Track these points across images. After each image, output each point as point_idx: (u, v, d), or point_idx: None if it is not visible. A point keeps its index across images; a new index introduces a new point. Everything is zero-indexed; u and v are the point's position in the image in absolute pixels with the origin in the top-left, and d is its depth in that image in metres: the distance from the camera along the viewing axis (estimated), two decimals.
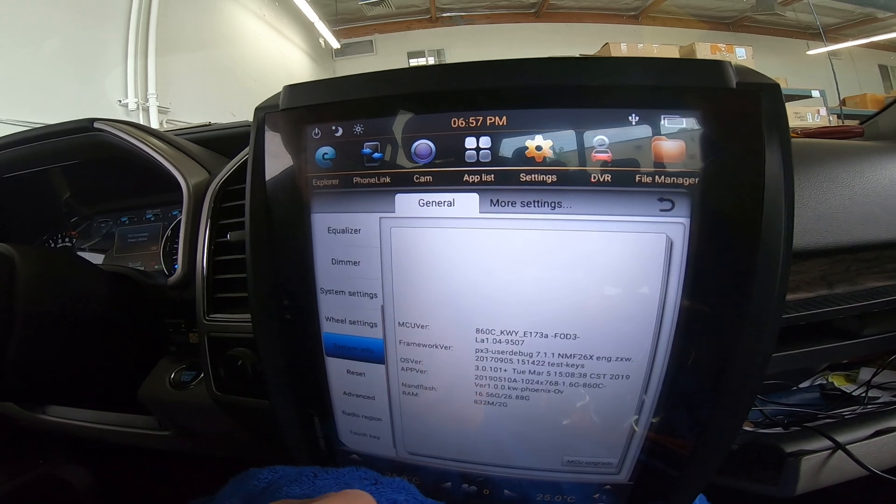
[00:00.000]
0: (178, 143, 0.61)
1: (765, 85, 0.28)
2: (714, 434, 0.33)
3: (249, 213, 0.36)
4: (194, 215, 0.54)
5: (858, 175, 0.53)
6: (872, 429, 0.51)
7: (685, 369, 0.31)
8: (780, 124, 0.28)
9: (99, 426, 0.66)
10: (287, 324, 0.38)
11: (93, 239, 0.81)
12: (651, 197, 0.29)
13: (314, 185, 0.35)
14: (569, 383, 0.33)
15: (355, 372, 0.38)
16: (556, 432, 0.35)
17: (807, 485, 0.48)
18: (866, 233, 0.51)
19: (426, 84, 0.32)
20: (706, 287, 0.30)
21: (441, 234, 0.32)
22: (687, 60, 0.29)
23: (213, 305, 0.52)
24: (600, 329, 0.31)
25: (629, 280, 0.30)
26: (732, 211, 0.29)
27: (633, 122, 0.29)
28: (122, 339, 0.57)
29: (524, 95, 0.30)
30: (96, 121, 0.60)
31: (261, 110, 0.36)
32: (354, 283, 0.35)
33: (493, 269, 0.32)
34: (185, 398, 0.56)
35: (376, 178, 0.33)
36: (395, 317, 0.35)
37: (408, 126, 0.32)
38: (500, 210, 0.31)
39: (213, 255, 0.52)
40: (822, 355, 0.60)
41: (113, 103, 2.18)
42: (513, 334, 0.33)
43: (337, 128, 0.34)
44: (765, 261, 0.28)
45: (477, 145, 0.31)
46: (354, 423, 0.39)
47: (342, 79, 0.34)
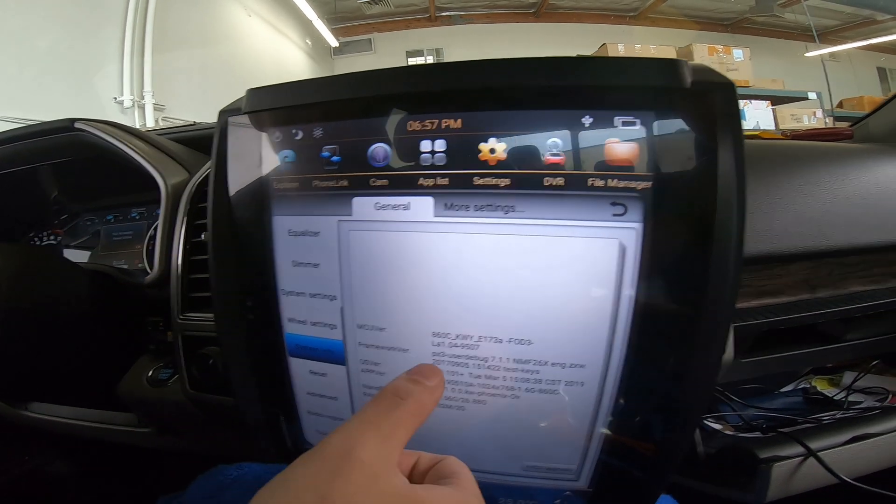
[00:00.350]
0: (159, 143, 0.61)
1: (719, 84, 0.28)
2: (670, 439, 0.32)
3: (212, 215, 0.36)
4: (172, 215, 0.54)
5: (842, 178, 0.52)
6: (849, 435, 0.50)
7: (639, 376, 0.31)
8: (733, 124, 0.27)
9: (81, 423, 0.66)
10: (250, 324, 0.38)
11: (79, 237, 0.81)
12: (604, 201, 0.29)
13: (275, 188, 0.35)
14: (524, 389, 0.33)
15: (318, 372, 0.38)
16: (514, 437, 0.35)
17: (778, 491, 0.47)
18: (848, 237, 0.50)
19: (383, 87, 0.32)
20: (659, 293, 0.29)
21: (397, 237, 0.32)
22: (641, 59, 0.29)
23: (187, 304, 0.52)
24: (554, 335, 0.31)
25: (582, 287, 0.30)
26: (685, 215, 0.28)
27: (586, 124, 0.29)
28: (102, 337, 0.58)
29: (478, 97, 0.30)
30: (77, 121, 0.60)
31: (224, 113, 0.36)
32: (314, 284, 0.35)
33: (447, 273, 0.32)
34: (162, 396, 0.57)
35: (334, 181, 0.33)
36: (354, 319, 0.35)
37: (364, 129, 0.32)
38: (455, 214, 0.31)
39: (188, 255, 0.53)
40: (805, 359, 0.60)
41: (108, 100, 2.18)
42: (468, 339, 0.33)
43: (297, 131, 0.34)
44: (717, 266, 0.28)
45: (432, 148, 0.31)
46: (320, 422, 0.40)
47: (303, 82, 0.34)
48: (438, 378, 0.24)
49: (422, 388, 0.23)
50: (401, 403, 0.22)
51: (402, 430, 0.22)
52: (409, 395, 0.23)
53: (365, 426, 0.21)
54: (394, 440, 0.21)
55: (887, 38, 4.13)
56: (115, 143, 0.58)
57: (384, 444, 0.21)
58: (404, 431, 0.22)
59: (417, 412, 0.23)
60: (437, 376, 0.24)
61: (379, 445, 0.20)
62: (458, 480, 0.23)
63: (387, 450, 0.21)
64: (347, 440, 0.20)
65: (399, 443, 0.22)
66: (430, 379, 0.24)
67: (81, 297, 0.55)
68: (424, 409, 0.23)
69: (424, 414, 0.23)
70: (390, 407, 0.22)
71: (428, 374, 0.24)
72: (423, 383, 0.24)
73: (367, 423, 0.21)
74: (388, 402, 0.22)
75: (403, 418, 0.22)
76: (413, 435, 0.23)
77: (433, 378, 0.24)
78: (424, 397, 0.23)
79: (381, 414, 0.22)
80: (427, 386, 0.24)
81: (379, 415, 0.22)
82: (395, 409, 0.22)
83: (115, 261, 0.76)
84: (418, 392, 0.23)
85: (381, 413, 0.22)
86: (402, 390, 0.23)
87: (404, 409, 0.22)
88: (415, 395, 0.23)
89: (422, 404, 0.23)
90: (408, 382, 0.24)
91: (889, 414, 0.53)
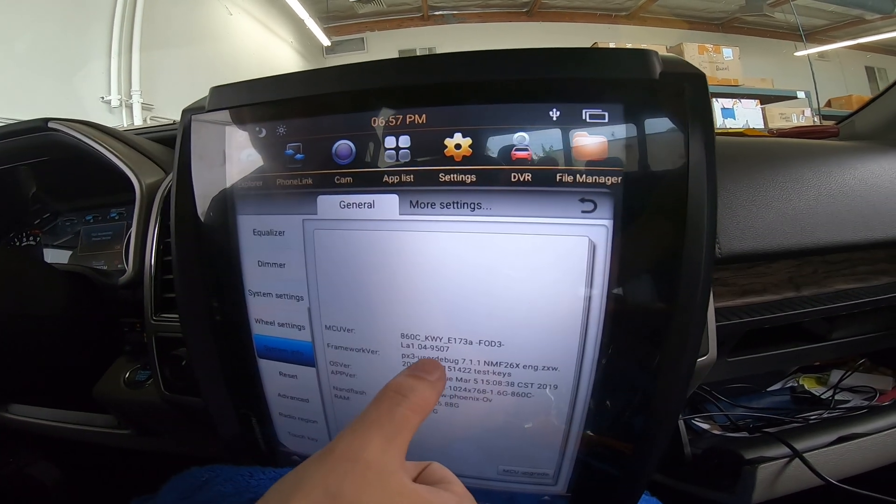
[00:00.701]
0: (135, 143, 0.60)
1: (689, 75, 0.27)
2: (648, 441, 0.31)
3: (175, 215, 0.35)
4: (146, 215, 0.53)
5: (826, 175, 0.51)
6: (835, 435, 0.49)
7: (614, 377, 0.30)
8: (703, 116, 0.27)
9: (61, 424, 0.65)
10: (218, 325, 0.37)
11: (59, 237, 0.80)
12: (572, 197, 0.28)
13: (239, 187, 0.34)
14: (496, 391, 0.32)
15: (288, 374, 0.37)
16: (488, 440, 0.34)
17: (763, 493, 0.47)
18: (832, 234, 0.50)
19: (344, 83, 0.31)
20: (631, 292, 0.29)
21: (362, 236, 0.31)
22: (609, 50, 0.28)
23: (161, 305, 0.51)
24: (525, 337, 0.30)
25: (551, 286, 0.29)
26: (656, 211, 0.28)
27: (553, 118, 0.28)
28: (78, 338, 0.57)
29: (442, 92, 0.29)
30: (51, 120, 0.59)
31: (187, 112, 0.35)
32: (281, 285, 0.34)
33: (415, 272, 0.31)
34: (140, 397, 0.56)
35: (298, 179, 0.32)
36: (322, 320, 0.34)
37: (328, 126, 0.31)
38: (421, 212, 0.30)
39: (161, 255, 0.52)
40: (790, 358, 0.59)
41: (95, 100, 2.15)
42: (438, 340, 0.32)
43: (261, 129, 0.33)
44: (689, 262, 0.27)
45: (396, 145, 0.30)
46: (292, 424, 0.39)
47: (265, 80, 0.33)
48: (440, 372, 0.25)
49: (423, 384, 0.24)
50: (402, 401, 0.23)
51: (406, 428, 0.22)
52: (411, 391, 0.23)
53: (369, 427, 0.22)
54: (398, 439, 0.22)
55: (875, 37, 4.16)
56: (89, 143, 0.57)
57: (389, 444, 0.21)
58: (408, 429, 0.22)
59: (420, 408, 0.23)
60: (438, 370, 0.25)
61: (384, 446, 0.21)
62: (452, 486, 0.23)
63: (392, 450, 0.21)
64: (354, 442, 0.21)
65: (403, 441, 0.22)
66: (431, 374, 0.24)
67: (57, 298, 0.54)
68: (427, 404, 0.23)
69: (427, 409, 0.23)
70: (392, 405, 0.22)
71: (429, 369, 0.25)
72: (425, 378, 0.24)
73: (372, 424, 0.22)
74: (391, 400, 0.23)
75: (406, 416, 0.22)
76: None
77: (434, 372, 0.24)
78: (426, 393, 0.23)
79: (385, 414, 0.22)
80: (428, 381, 0.24)
81: (382, 415, 0.22)
82: (397, 408, 0.22)
83: (95, 261, 0.75)
84: (420, 388, 0.23)
85: (383, 413, 0.22)
86: (404, 387, 0.23)
87: (406, 407, 0.22)
88: (416, 391, 0.23)
89: (424, 399, 0.23)
90: (409, 378, 0.24)
91: (876, 413, 0.53)
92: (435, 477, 0.24)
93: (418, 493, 0.21)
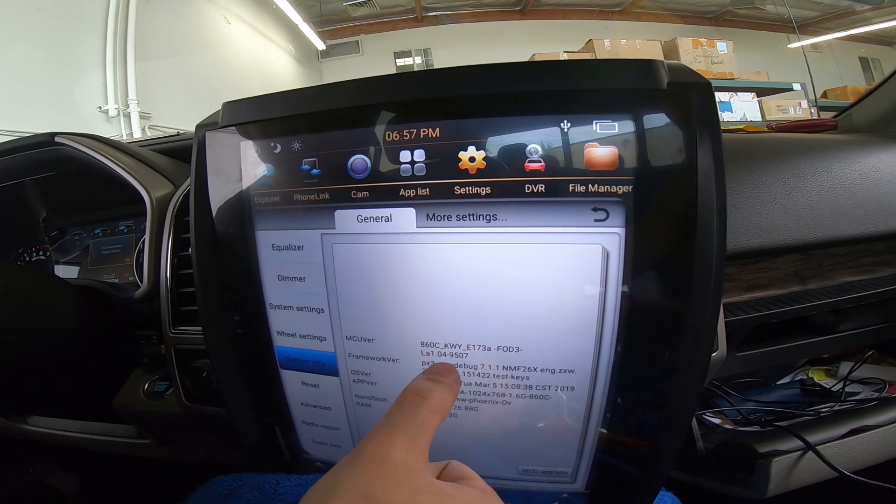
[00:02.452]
0: (142, 156, 0.61)
1: (696, 84, 0.28)
2: (664, 437, 0.32)
3: (195, 232, 0.36)
4: (158, 229, 0.54)
5: (826, 170, 0.52)
6: (847, 427, 0.50)
7: (629, 378, 0.31)
8: (711, 123, 0.27)
9: (81, 435, 0.66)
10: (240, 338, 0.38)
11: (69, 252, 0.81)
12: (585, 207, 0.29)
13: (256, 203, 0.35)
14: (515, 395, 0.33)
15: (310, 384, 0.38)
16: (507, 442, 0.35)
17: (778, 486, 0.47)
18: (835, 229, 0.50)
19: (358, 98, 0.31)
20: (644, 296, 0.29)
21: (380, 249, 0.32)
22: (617, 61, 0.29)
23: (178, 318, 0.52)
24: (542, 342, 0.31)
25: (567, 293, 0.30)
26: (667, 217, 0.28)
27: (564, 129, 0.29)
28: (95, 351, 0.58)
29: (455, 105, 0.30)
30: (58, 135, 0.60)
31: (201, 128, 0.35)
32: (301, 298, 0.35)
33: (433, 283, 0.32)
34: (159, 408, 0.57)
35: (315, 194, 0.33)
36: (343, 331, 0.35)
37: (343, 141, 0.32)
38: (437, 224, 0.31)
39: (176, 269, 0.52)
40: (798, 351, 0.60)
41: (93, 109, 2.16)
42: (457, 347, 0.32)
43: (275, 144, 0.34)
44: (700, 265, 0.28)
45: (411, 158, 0.31)
46: (314, 432, 0.40)
47: (278, 95, 0.34)
48: (454, 375, 0.26)
49: (441, 386, 0.25)
50: (423, 402, 0.24)
51: (428, 428, 0.24)
52: (430, 393, 0.24)
53: (394, 430, 0.23)
54: (421, 439, 0.23)
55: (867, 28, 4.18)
56: (97, 157, 0.58)
57: (413, 444, 0.22)
58: (429, 429, 0.24)
59: (439, 409, 0.24)
60: (452, 373, 0.26)
61: (409, 446, 0.22)
62: (473, 482, 0.24)
63: (417, 449, 0.22)
64: (381, 444, 0.22)
65: (426, 441, 0.23)
66: (446, 376, 0.26)
67: (72, 312, 0.55)
68: (445, 405, 0.25)
69: (446, 410, 0.25)
70: (414, 408, 0.24)
71: (444, 372, 0.26)
72: (441, 381, 0.25)
73: (396, 427, 0.23)
74: (412, 403, 0.24)
75: (428, 417, 0.24)
76: None
77: (449, 375, 0.26)
78: (444, 394, 0.25)
79: (407, 416, 0.23)
80: (445, 383, 0.25)
81: (405, 417, 0.23)
82: (418, 410, 0.24)
83: (105, 274, 0.76)
84: (438, 390, 0.25)
85: (406, 415, 0.23)
86: (424, 390, 0.25)
87: (427, 409, 0.24)
88: (435, 393, 0.24)
89: (442, 401, 0.25)
90: (427, 381, 0.25)
91: (886, 405, 0.53)
92: (456, 474, 0.25)
93: (443, 490, 0.22)
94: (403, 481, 0.21)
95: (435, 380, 0.25)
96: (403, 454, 0.22)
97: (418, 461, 0.22)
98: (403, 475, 0.21)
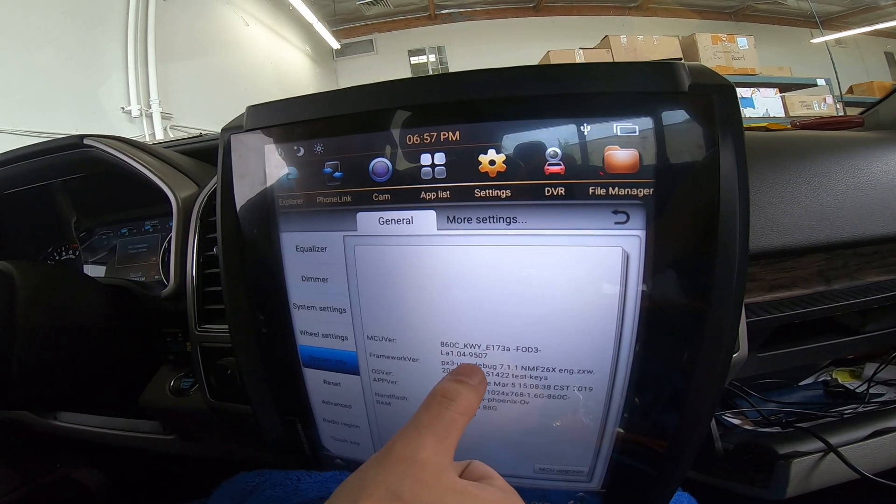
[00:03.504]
0: (167, 157, 0.63)
1: (718, 86, 0.28)
2: (682, 438, 0.32)
3: (221, 234, 0.37)
4: (184, 229, 0.55)
5: (853, 169, 0.51)
6: (870, 429, 0.49)
7: (648, 379, 0.31)
8: (733, 126, 0.27)
9: (108, 431, 0.69)
10: (264, 337, 0.39)
11: (97, 252, 0.83)
12: (605, 210, 0.29)
13: (280, 205, 0.36)
14: (534, 394, 0.33)
15: (332, 382, 0.39)
16: (525, 441, 0.35)
17: (797, 488, 0.47)
18: (861, 228, 0.49)
19: (380, 101, 0.32)
20: (664, 298, 0.29)
21: (402, 251, 0.33)
22: (639, 64, 0.29)
23: (203, 316, 0.54)
24: (561, 342, 0.31)
25: (587, 294, 0.30)
26: (688, 220, 0.28)
27: (585, 132, 0.29)
28: (123, 349, 0.59)
29: (475, 108, 0.30)
30: (86, 137, 0.61)
31: (226, 131, 0.36)
32: (324, 298, 0.36)
33: (453, 284, 0.32)
34: (184, 404, 0.58)
35: (338, 197, 0.33)
36: (364, 330, 0.36)
37: (364, 144, 0.32)
38: (457, 227, 0.31)
39: (201, 269, 0.54)
40: (821, 352, 0.59)
41: (116, 110, 2.22)
42: (476, 347, 0.33)
43: (299, 147, 0.34)
44: (722, 269, 0.28)
45: (432, 162, 0.31)
46: (335, 429, 0.40)
47: (301, 98, 0.34)
48: (480, 376, 0.27)
49: (467, 388, 0.25)
50: (450, 405, 0.24)
51: (455, 429, 0.24)
52: (457, 395, 0.25)
53: (422, 430, 0.23)
54: (448, 440, 0.23)
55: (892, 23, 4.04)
56: (124, 159, 0.60)
57: (441, 444, 0.23)
58: (456, 431, 0.24)
59: (466, 410, 0.25)
60: (478, 374, 0.27)
61: (437, 446, 0.23)
62: (494, 481, 0.25)
63: (444, 450, 0.23)
64: (409, 444, 0.23)
65: (453, 441, 0.24)
66: (472, 377, 0.26)
67: (100, 311, 0.57)
68: (472, 406, 0.25)
69: (472, 411, 0.25)
70: (442, 409, 0.24)
71: (470, 374, 0.26)
72: (468, 382, 0.26)
73: (424, 427, 0.23)
74: (439, 404, 0.25)
75: (455, 419, 0.24)
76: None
77: (475, 376, 0.26)
78: (471, 396, 0.25)
79: (435, 417, 0.24)
80: (471, 385, 0.26)
81: (433, 418, 0.24)
82: (446, 411, 0.24)
83: (132, 273, 0.78)
84: (465, 391, 0.25)
85: (434, 416, 0.24)
86: (451, 391, 0.25)
87: (454, 410, 0.24)
88: (462, 395, 0.25)
89: (469, 402, 0.25)
90: (453, 383, 0.26)
91: None
92: (477, 473, 0.25)
93: (468, 489, 0.22)
94: (431, 480, 0.21)
95: (461, 381, 0.26)
96: (431, 454, 0.22)
97: (445, 461, 0.23)
98: (431, 474, 0.22)
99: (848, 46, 4.34)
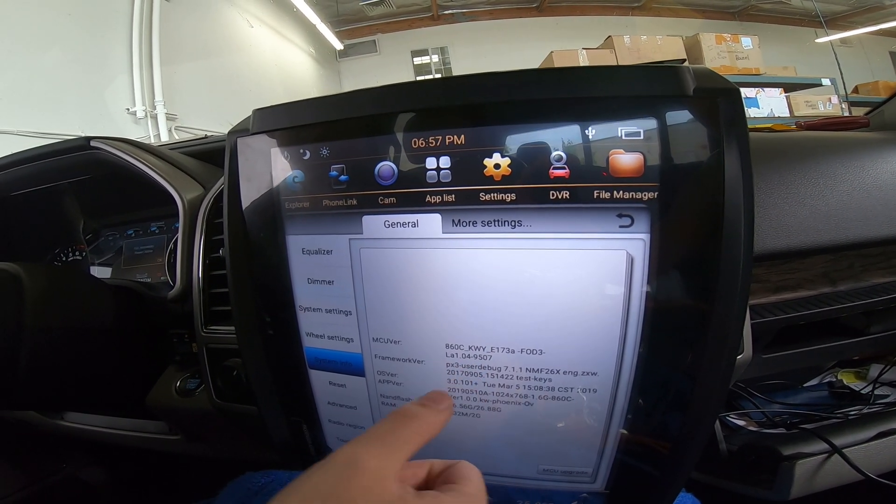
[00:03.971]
0: (173, 159, 0.63)
1: (723, 90, 0.28)
2: (686, 440, 0.32)
3: (228, 236, 0.37)
4: (190, 231, 0.56)
5: (858, 170, 0.51)
6: (875, 430, 0.49)
7: (652, 381, 0.31)
8: (738, 130, 0.27)
9: (114, 431, 0.69)
10: (271, 338, 0.39)
11: (104, 253, 0.84)
12: (610, 213, 0.29)
13: (286, 208, 0.36)
14: (538, 396, 0.33)
15: (337, 384, 0.39)
16: (529, 442, 0.35)
17: (801, 489, 0.47)
18: (866, 230, 0.49)
19: (385, 105, 0.32)
20: (669, 301, 0.30)
21: (407, 254, 0.33)
22: (643, 67, 0.29)
23: (209, 318, 0.54)
24: (565, 345, 0.31)
25: (591, 297, 0.30)
26: (692, 224, 0.28)
27: (589, 136, 0.29)
28: (129, 349, 0.60)
29: (480, 112, 0.30)
30: (93, 139, 0.62)
31: (233, 134, 0.37)
32: (330, 301, 0.36)
33: (458, 287, 0.32)
34: (190, 405, 0.59)
35: (343, 200, 0.34)
36: (370, 332, 0.36)
37: (370, 148, 0.33)
38: (462, 230, 0.31)
39: (207, 270, 0.54)
40: (826, 353, 0.59)
41: (121, 112, 2.23)
42: (481, 349, 0.33)
43: (304, 151, 0.35)
44: (726, 273, 0.28)
45: (437, 165, 0.31)
46: (340, 430, 0.41)
47: (307, 102, 0.35)
48: (447, 402, 0.27)
49: (430, 411, 0.26)
50: (409, 423, 0.25)
51: (407, 445, 0.24)
52: (417, 416, 0.26)
53: (372, 439, 0.24)
54: (397, 453, 0.24)
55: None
56: (130, 161, 0.60)
57: (388, 455, 0.23)
58: (409, 447, 0.24)
59: (424, 431, 0.25)
60: (445, 401, 0.27)
61: (382, 456, 0.23)
62: (462, 485, 0.25)
63: (389, 461, 0.23)
64: (354, 451, 0.23)
65: (402, 455, 0.24)
66: (439, 403, 0.27)
67: (107, 312, 0.57)
68: (431, 428, 0.26)
69: (431, 433, 0.26)
70: (398, 425, 0.25)
71: (437, 400, 0.27)
72: (432, 407, 0.26)
73: (375, 437, 0.24)
74: (398, 421, 0.25)
75: (409, 435, 0.25)
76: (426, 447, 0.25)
77: (442, 402, 0.27)
78: (431, 418, 0.26)
79: (389, 430, 0.25)
80: (436, 409, 0.26)
81: (386, 431, 0.24)
82: (402, 427, 0.25)
83: (138, 274, 0.79)
84: (426, 414, 0.26)
85: (388, 430, 0.25)
86: (412, 411, 0.26)
87: (411, 428, 0.25)
88: (422, 416, 0.26)
89: (429, 424, 0.26)
90: (417, 406, 0.26)
91: None
92: (454, 476, 0.25)
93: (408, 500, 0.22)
94: (365, 488, 0.21)
95: (425, 405, 0.26)
96: (374, 462, 0.22)
97: (387, 472, 0.23)
98: (367, 482, 0.22)
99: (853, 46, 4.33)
